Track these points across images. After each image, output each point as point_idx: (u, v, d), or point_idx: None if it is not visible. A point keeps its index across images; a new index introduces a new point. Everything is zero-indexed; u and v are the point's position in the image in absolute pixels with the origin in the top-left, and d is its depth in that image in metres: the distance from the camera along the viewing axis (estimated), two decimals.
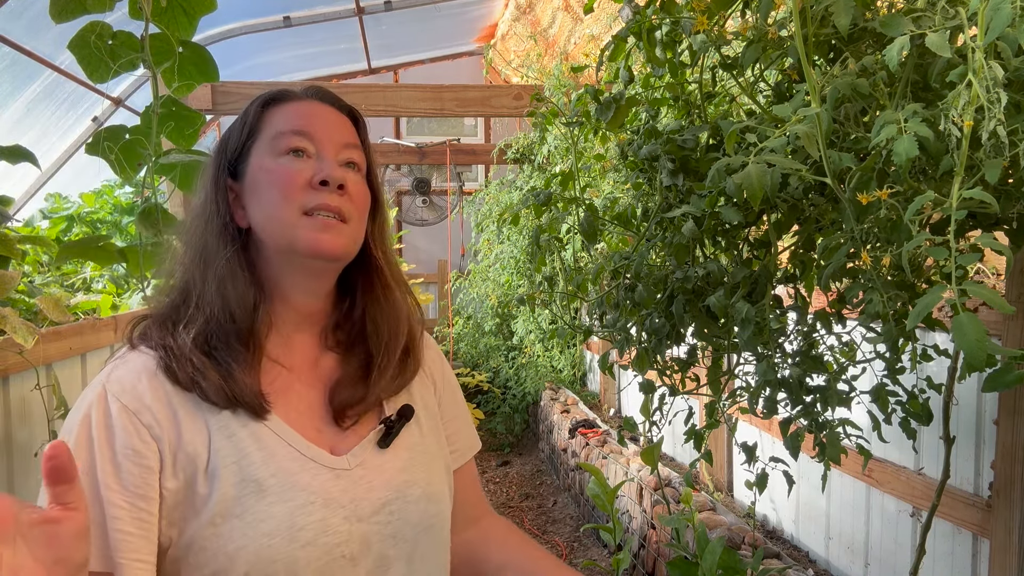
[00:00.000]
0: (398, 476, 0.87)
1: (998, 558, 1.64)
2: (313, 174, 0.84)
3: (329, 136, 0.87)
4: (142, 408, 0.78)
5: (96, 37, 1.33)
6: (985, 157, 0.81)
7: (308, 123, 0.87)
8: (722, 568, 1.64)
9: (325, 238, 0.83)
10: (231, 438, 0.79)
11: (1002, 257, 1.32)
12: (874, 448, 1.39)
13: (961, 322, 0.75)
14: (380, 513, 0.83)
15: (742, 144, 1.10)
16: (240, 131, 0.89)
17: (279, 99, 0.89)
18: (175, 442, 0.78)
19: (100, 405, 0.77)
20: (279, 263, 0.86)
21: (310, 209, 0.83)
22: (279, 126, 0.86)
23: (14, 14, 3.16)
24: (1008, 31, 0.77)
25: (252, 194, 0.86)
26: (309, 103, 0.90)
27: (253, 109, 0.89)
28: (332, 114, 0.90)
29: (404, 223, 6.94)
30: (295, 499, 0.79)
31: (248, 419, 0.80)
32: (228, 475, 0.77)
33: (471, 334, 6.05)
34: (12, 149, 1.61)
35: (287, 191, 0.83)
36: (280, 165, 0.85)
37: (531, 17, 5.77)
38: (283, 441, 0.81)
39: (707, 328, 1.33)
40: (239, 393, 0.80)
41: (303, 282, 0.88)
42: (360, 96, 4.10)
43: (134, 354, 0.82)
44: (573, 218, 1.50)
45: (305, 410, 0.86)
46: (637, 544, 3.01)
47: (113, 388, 0.79)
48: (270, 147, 0.86)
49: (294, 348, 0.89)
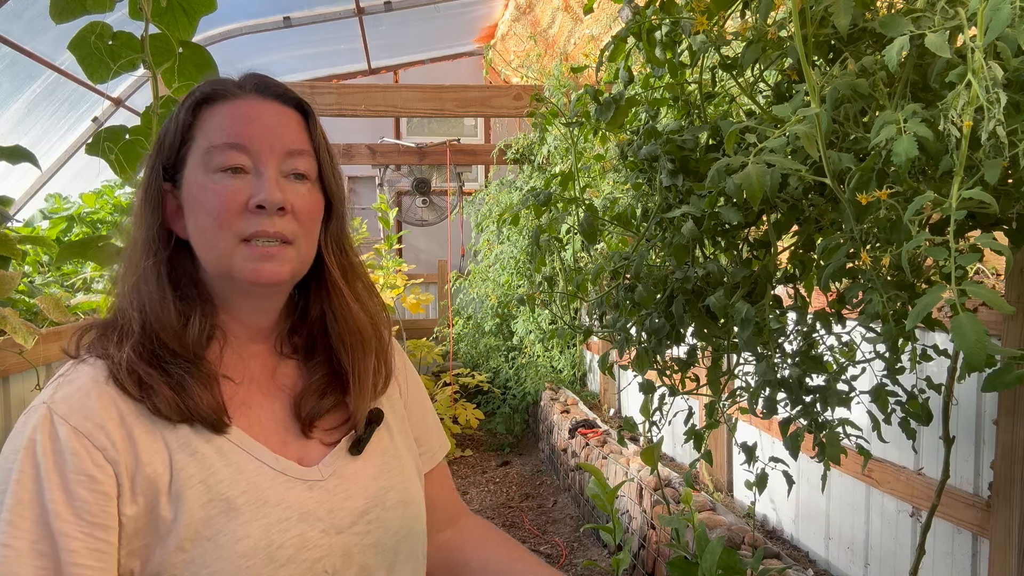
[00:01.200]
0: (373, 483, 0.84)
1: (998, 558, 1.64)
2: (250, 196, 0.76)
3: (269, 146, 0.78)
4: (94, 429, 0.71)
5: (96, 37, 1.33)
6: (985, 157, 0.81)
7: (245, 132, 0.77)
8: (722, 568, 1.64)
9: (265, 268, 0.77)
10: (194, 455, 0.74)
11: (1002, 257, 1.32)
12: (874, 448, 1.39)
13: (961, 322, 0.75)
14: (359, 523, 0.80)
15: (742, 144, 1.10)
16: (174, 134, 0.80)
17: (213, 98, 0.80)
18: (132, 464, 0.71)
19: (45, 428, 0.70)
20: (222, 285, 0.81)
21: (248, 236, 0.76)
22: (212, 137, 0.77)
23: (14, 14, 3.16)
24: (1007, 31, 0.77)
25: (189, 211, 0.79)
26: (247, 101, 0.80)
27: (184, 111, 0.79)
28: (274, 113, 0.80)
29: (404, 223, 6.94)
30: (269, 515, 0.74)
31: (210, 434, 0.75)
32: (194, 495, 0.72)
33: (471, 334, 6.05)
34: (12, 149, 1.61)
35: (221, 217, 0.76)
36: (214, 185, 0.76)
37: (531, 17, 5.77)
38: (250, 455, 0.77)
39: (707, 328, 1.33)
40: (195, 407, 0.74)
41: (249, 302, 0.82)
42: (360, 96, 4.10)
43: (80, 367, 0.75)
44: (573, 218, 1.50)
45: (268, 422, 0.81)
46: (637, 544, 3.01)
47: (59, 408, 0.71)
48: (203, 162, 0.77)
49: (249, 359, 0.84)
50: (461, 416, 5.28)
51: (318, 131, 0.84)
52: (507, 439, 5.58)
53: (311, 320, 0.87)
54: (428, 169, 6.69)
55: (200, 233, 0.78)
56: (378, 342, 0.89)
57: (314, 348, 0.88)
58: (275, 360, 0.86)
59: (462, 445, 5.51)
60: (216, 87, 0.80)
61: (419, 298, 5.68)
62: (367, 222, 6.20)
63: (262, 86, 0.82)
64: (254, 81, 0.82)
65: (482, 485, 4.70)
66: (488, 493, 4.55)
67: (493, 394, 5.85)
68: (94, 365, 0.75)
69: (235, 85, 0.81)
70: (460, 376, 5.73)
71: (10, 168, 3.46)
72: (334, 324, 0.86)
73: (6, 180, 3.78)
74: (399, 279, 5.68)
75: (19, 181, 3.93)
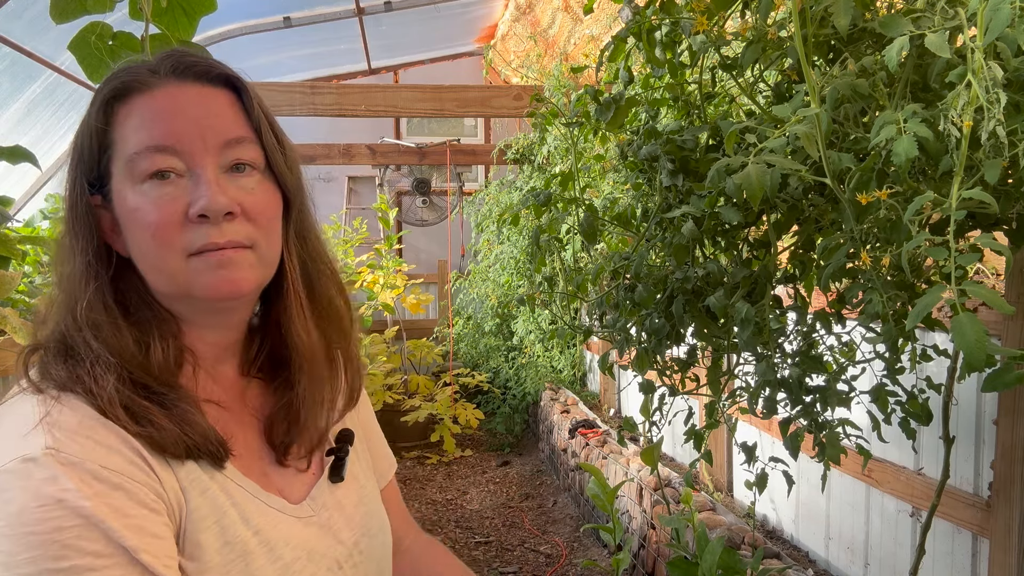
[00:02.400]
0: (357, 511, 0.79)
1: (998, 558, 1.64)
2: (188, 203, 0.65)
3: (201, 140, 0.66)
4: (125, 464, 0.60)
5: (96, 38, 1.33)
6: (985, 157, 0.81)
7: (169, 130, 0.65)
8: (722, 568, 1.64)
9: (225, 276, 0.66)
10: (205, 494, 0.65)
11: (1002, 257, 1.32)
12: (874, 448, 1.40)
13: (961, 322, 0.75)
14: (353, 554, 0.76)
15: (742, 144, 1.10)
16: (90, 142, 0.67)
17: (124, 93, 0.67)
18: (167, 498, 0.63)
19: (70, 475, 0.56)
20: (180, 304, 0.70)
21: (196, 251, 0.65)
22: (132, 142, 0.65)
23: (14, 14, 3.16)
24: (1007, 31, 0.77)
25: (125, 230, 0.67)
26: (165, 90, 0.67)
27: (95, 114, 0.67)
28: (200, 99, 0.67)
29: (404, 223, 6.94)
30: (283, 557, 0.68)
31: (213, 470, 0.67)
32: (211, 539, 0.64)
33: (471, 334, 6.05)
34: (12, 149, 1.61)
35: (160, 234, 0.65)
36: (143, 198, 0.65)
37: (531, 17, 5.77)
38: (245, 491, 0.69)
39: (707, 328, 1.33)
40: (201, 441, 0.65)
41: (214, 319, 0.72)
42: (360, 96, 4.10)
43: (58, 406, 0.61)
44: (573, 218, 1.50)
45: (246, 452, 0.72)
46: (637, 544, 3.01)
47: (72, 452, 0.58)
48: (127, 172, 0.65)
49: (220, 382, 0.75)
50: (461, 416, 5.28)
51: (256, 110, 0.70)
52: (507, 439, 5.58)
53: (272, 332, 0.77)
54: (428, 169, 6.69)
55: (142, 254, 0.67)
56: (347, 350, 0.82)
57: (277, 364, 0.78)
58: (243, 381, 0.77)
59: (462, 445, 5.51)
60: (125, 78, 0.67)
61: (419, 298, 5.68)
62: (367, 222, 6.20)
63: (180, 67, 0.68)
64: (170, 63, 0.68)
65: (482, 485, 4.70)
66: (488, 493, 4.55)
67: (493, 394, 5.85)
68: (72, 402, 0.62)
69: (148, 72, 0.67)
70: (460, 376, 5.73)
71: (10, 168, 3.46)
72: (301, 335, 0.76)
73: (6, 180, 3.78)
74: (399, 279, 5.68)
75: (19, 181, 3.93)
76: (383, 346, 5.75)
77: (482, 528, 4.01)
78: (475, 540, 3.85)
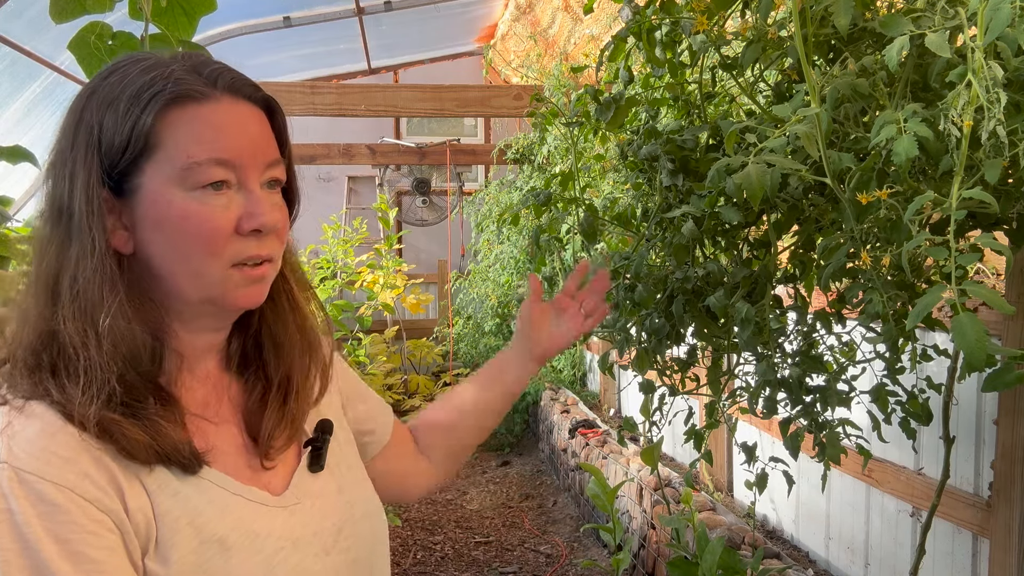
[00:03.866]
0: (339, 498, 0.81)
1: (998, 558, 1.64)
2: (240, 217, 0.68)
3: (252, 158, 0.70)
4: (77, 480, 0.60)
5: (96, 37, 1.33)
6: (985, 157, 0.81)
7: (229, 145, 0.68)
8: (722, 568, 1.64)
9: (254, 292, 0.71)
10: (176, 496, 0.66)
11: (1002, 257, 1.32)
12: (874, 448, 1.40)
13: (961, 322, 0.75)
14: (339, 541, 0.78)
15: (742, 144, 1.10)
16: (128, 135, 0.66)
17: (183, 99, 0.67)
18: (123, 512, 0.62)
19: (18, 492, 0.58)
20: (186, 309, 0.71)
21: (240, 261, 0.69)
22: (192, 151, 0.66)
23: (14, 14, 3.16)
24: (1008, 31, 0.77)
25: (154, 230, 0.67)
26: (223, 106, 0.69)
27: (145, 111, 0.66)
28: (254, 120, 0.71)
29: (404, 223, 6.94)
30: (264, 548, 0.69)
31: (184, 473, 0.67)
32: (184, 540, 0.64)
33: (471, 334, 6.04)
34: (12, 149, 1.61)
35: (213, 244, 0.67)
36: (197, 204, 0.67)
37: (531, 17, 5.77)
38: (224, 489, 0.70)
39: (707, 328, 1.33)
40: (171, 449, 0.65)
41: (215, 322, 0.75)
42: (360, 96, 4.10)
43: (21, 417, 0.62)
44: (573, 218, 1.50)
45: (228, 449, 0.74)
46: (637, 544, 3.01)
47: (27, 465, 0.59)
48: (180, 177, 0.66)
49: (202, 382, 0.76)
50: None
51: (284, 127, 0.76)
52: (507, 439, 5.58)
53: (252, 329, 0.80)
54: (428, 169, 6.70)
55: (179, 257, 0.68)
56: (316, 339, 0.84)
57: (249, 359, 0.80)
58: (226, 378, 0.79)
59: None
60: (183, 86, 0.67)
61: (419, 298, 5.68)
62: (367, 222, 6.20)
63: (235, 85, 0.70)
64: (227, 79, 0.70)
65: (482, 485, 4.70)
66: (488, 493, 4.55)
67: None
68: (36, 409, 0.62)
69: (203, 83, 0.68)
70: (460, 376, 5.73)
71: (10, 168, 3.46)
72: (282, 333, 0.80)
73: (6, 180, 3.78)
74: (399, 279, 5.68)
75: (19, 181, 3.93)
76: (383, 346, 5.74)
77: (482, 528, 4.01)
78: (475, 540, 3.85)
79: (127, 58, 0.70)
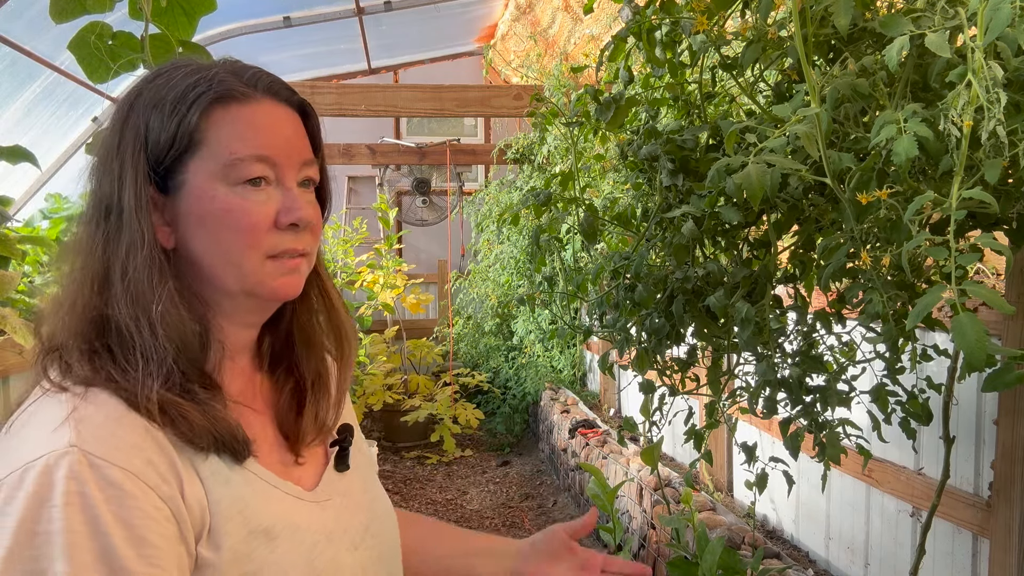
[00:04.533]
0: (364, 496, 0.84)
1: (998, 558, 1.64)
2: (277, 211, 0.72)
3: (289, 156, 0.73)
4: (143, 466, 0.62)
5: (96, 37, 1.33)
6: (985, 157, 0.81)
7: (269, 143, 0.72)
8: (722, 568, 1.64)
9: (290, 282, 0.74)
10: (227, 484, 0.68)
11: (1002, 257, 1.32)
12: (874, 448, 1.40)
13: (961, 322, 0.75)
14: (366, 538, 0.80)
15: (742, 144, 1.10)
16: (173, 133, 0.70)
17: (227, 99, 0.71)
18: (180, 499, 0.64)
19: (89, 475, 0.59)
20: (225, 301, 0.74)
21: (276, 254, 0.72)
22: (235, 148, 0.70)
23: (14, 14, 3.16)
24: (1008, 31, 0.77)
25: (197, 224, 0.71)
26: (263, 107, 0.73)
27: (191, 110, 0.70)
28: (290, 121, 0.75)
29: (404, 223, 6.94)
30: (304, 541, 0.72)
31: (233, 462, 0.70)
32: (234, 529, 0.67)
33: (471, 334, 6.05)
34: (12, 149, 1.61)
35: (252, 236, 0.71)
36: (242, 201, 0.70)
37: (531, 17, 5.77)
38: (265, 482, 0.73)
39: (707, 328, 1.33)
40: (226, 435, 0.68)
41: (252, 316, 0.78)
42: (360, 96, 4.10)
43: (84, 403, 0.64)
44: (573, 218, 1.50)
45: (263, 443, 0.76)
46: (637, 544, 3.01)
47: (96, 449, 0.61)
48: (223, 173, 0.70)
49: (238, 376, 0.78)
50: (461, 416, 5.28)
51: (318, 130, 0.80)
52: (507, 439, 5.58)
53: (282, 329, 0.82)
54: (428, 169, 6.69)
55: (220, 250, 0.71)
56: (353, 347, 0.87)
57: (279, 358, 0.83)
58: (258, 375, 0.82)
59: (462, 445, 5.51)
60: (228, 87, 0.71)
61: (419, 298, 5.68)
62: (367, 222, 6.20)
63: (274, 88, 0.75)
64: (266, 82, 0.75)
65: (482, 485, 4.70)
66: (488, 493, 4.55)
67: (493, 394, 5.85)
68: (99, 396, 0.65)
69: (244, 85, 0.73)
70: (460, 376, 5.73)
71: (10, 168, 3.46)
72: (314, 332, 0.83)
73: (6, 180, 3.78)
74: (399, 279, 5.68)
75: (19, 181, 3.93)
76: (383, 346, 5.75)
77: (482, 528, 4.01)
78: None
79: (170, 64, 0.75)
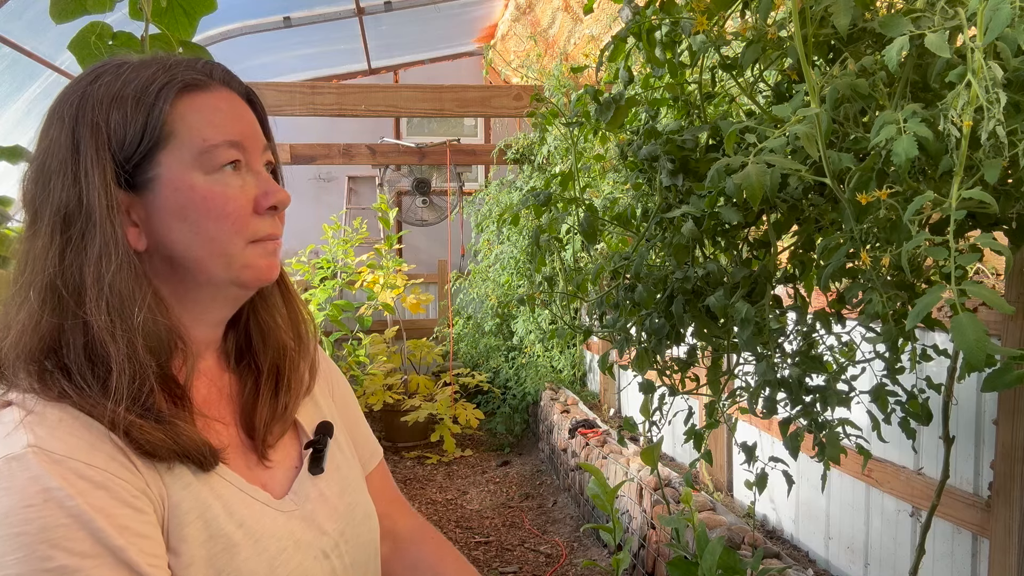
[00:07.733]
0: (340, 501, 0.81)
1: (998, 558, 1.64)
2: (256, 196, 0.71)
3: (255, 141, 0.73)
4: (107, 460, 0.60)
5: (96, 38, 1.33)
6: (984, 157, 0.82)
7: (236, 129, 0.71)
8: (722, 568, 1.64)
9: (272, 264, 0.73)
10: (188, 488, 0.66)
11: (1002, 257, 1.32)
12: (874, 448, 1.40)
13: (961, 322, 0.75)
14: (339, 544, 0.78)
15: (742, 144, 1.10)
16: (142, 127, 0.67)
17: (192, 87, 0.69)
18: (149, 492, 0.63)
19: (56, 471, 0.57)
20: (198, 295, 0.72)
21: (258, 239, 0.71)
22: (207, 135, 0.68)
23: (14, 14, 3.16)
24: (1007, 31, 0.77)
25: (176, 217, 0.68)
26: (220, 93, 0.72)
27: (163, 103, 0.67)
28: (243, 106, 0.74)
29: (404, 223, 6.93)
30: (268, 548, 0.70)
31: (199, 470, 0.68)
32: (194, 533, 0.65)
33: (471, 334, 6.05)
34: (12, 149, 1.61)
35: (237, 222, 0.69)
36: (219, 186, 0.69)
37: (531, 17, 5.77)
38: (231, 485, 0.70)
39: (707, 328, 1.33)
40: (188, 446, 0.66)
41: (219, 311, 0.75)
42: (360, 96, 4.10)
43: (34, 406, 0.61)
44: (573, 218, 1.50)
45: (229, 446, 0.73)
46: (637, 544, 3.01)
47: (55, 447, 0.58)
48: (197, 162, 0.68)
49: (203, 379, 0.76)
50: (461, 416, 5.28)
51: (266, 118, 0.78)
52: (507, 439, 5.58)
53: (243, 319, 0.80)
54: (428, 169, 6.69)
55: (204, 241, 0.68)
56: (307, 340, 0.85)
57: (241, 354, 0.81)
58: (226, 375, 0.79)
59: (462, 445, 5.51)
60: (192, 76, 0.70)
61: (419, 298, 5.68)
62: (367, 222, 6.20)
63: (226, 77, 0.74)
64: (220, 70, 0.73)
65: (482, 485, 4.70)
66: (488, 493, 4.55)
67: (493, 394, 5.85)
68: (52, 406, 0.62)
69: (201, 73, 0.71)
70: (460, 376, 5.73)
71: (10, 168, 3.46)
72: (270, 320, 0.80)
73: (6, 180, 3.79)
74: (399, 279, 5.68)
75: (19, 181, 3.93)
76: (383, 346, 5.75)
77: (482, 528, 4.01)
78: (475, 540, 3.85)
79: (108, 63, 0.71)
